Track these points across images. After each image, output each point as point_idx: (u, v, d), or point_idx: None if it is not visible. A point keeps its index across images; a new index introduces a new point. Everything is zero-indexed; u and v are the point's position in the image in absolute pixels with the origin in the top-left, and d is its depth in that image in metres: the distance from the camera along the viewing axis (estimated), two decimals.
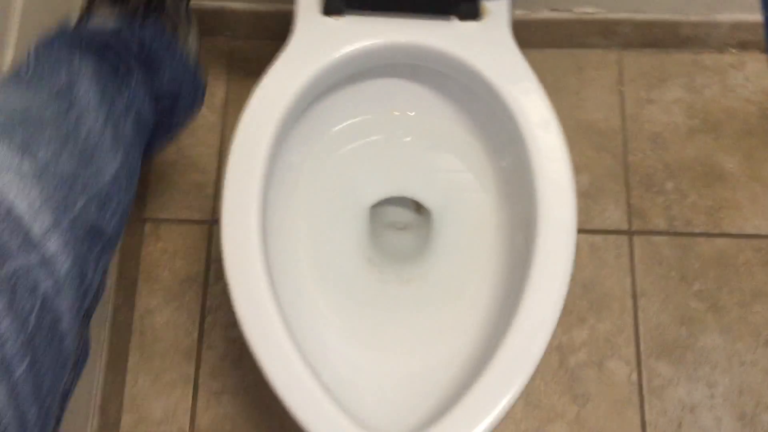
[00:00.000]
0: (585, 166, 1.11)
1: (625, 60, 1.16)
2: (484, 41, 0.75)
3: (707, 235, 1.08)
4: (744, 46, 1.15)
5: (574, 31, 1.13)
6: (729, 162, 1.11)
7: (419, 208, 0.89)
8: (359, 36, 0.75)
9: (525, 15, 1.09)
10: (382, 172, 0.85)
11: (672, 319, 1.04)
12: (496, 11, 0.76)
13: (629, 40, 1.14)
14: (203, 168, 1.11)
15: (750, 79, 1.15)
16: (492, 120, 0.79)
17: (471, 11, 0.75)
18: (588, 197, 1.09)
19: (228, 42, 1.16)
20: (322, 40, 0.74)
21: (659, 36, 1.14)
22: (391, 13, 0.75)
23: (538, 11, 1.09)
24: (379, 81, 0.83)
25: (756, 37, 1.13)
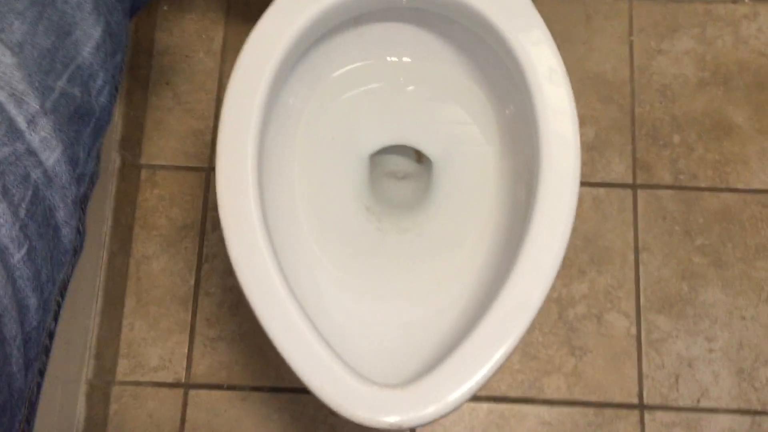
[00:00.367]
0: (591, 117, 1.09)
1: (636, 9, 1.13)
2: None
3: (713, 190, 1.06)
4: None
5: None
6: (738, 115, 1.09)
7: (420, 157, 0.87)
8: None
9: None
10: (383, 119, 0.83)
11: (673, 274, 1.03)
12: None
13: None
14: (201, 114, 1.09)
15: (763, 31, 1.12)
16: (498, 68, 0.76)
17: None
18: (593, 149, 1.07)
19: None
20: None
21: None
22: None
23: None
24: (382, 25, 0.80)
25: None
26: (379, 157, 0.85)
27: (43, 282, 0.49)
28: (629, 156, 1.07)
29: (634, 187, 1.06)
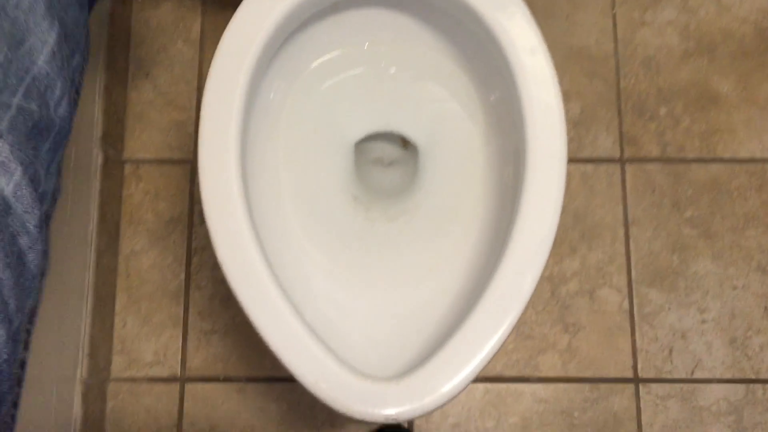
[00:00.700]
0: (576, 93, 1.08)
1: None
2: None
3: (701, 161, 1.06)
4: None
5: None
6: (723, 85, 1.08)
7: (405, 143, 0.86)
8: None
9: None
10: (366, 107, 0.82)
11: (664, 247, 1.03)
12: None
13: None
14: (182, 105, 1.07)
15: None
16: (478, 49, 0.75)
17: None
18: (579, 125, 1.07)
19: None
20: None
21: None
22: None
23: None
24: (361, 11, 0.79)
25: None
26: (364, 145, 0.84)
27: (12, 313, 0.46)
28: (616, 130, 1.07)
29: (621, 162, 1.06)
